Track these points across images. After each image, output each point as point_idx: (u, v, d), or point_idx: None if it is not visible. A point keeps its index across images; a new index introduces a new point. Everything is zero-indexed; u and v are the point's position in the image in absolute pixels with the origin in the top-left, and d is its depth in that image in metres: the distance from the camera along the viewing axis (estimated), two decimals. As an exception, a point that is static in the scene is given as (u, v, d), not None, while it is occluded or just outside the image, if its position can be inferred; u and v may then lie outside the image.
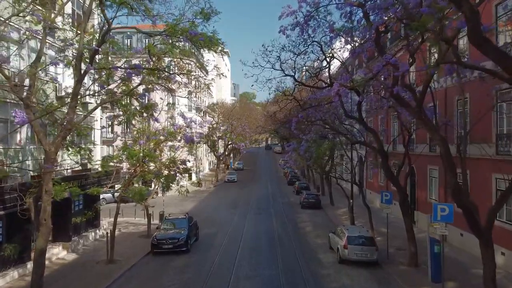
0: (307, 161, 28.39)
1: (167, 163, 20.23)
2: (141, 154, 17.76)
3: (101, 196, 38.20)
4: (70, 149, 15.90)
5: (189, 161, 22.88)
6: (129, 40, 47.06)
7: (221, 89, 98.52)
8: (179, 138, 19.00)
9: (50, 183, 12.72)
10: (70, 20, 17.40)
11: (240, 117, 69.34)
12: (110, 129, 36.21)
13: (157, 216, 30.58)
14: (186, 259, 20.57)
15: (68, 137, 14.10)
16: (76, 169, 21.21)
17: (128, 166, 21.63)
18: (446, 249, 16.52)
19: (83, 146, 16.16)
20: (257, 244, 23.99)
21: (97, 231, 25.42)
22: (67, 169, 20.65)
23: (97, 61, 14.94)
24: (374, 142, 19.10)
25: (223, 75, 18.01)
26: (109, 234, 19.17)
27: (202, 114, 67.37)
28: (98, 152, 23.88)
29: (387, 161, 18.08)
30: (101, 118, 23.05)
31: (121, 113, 18.17)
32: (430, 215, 16.41)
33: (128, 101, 17.59)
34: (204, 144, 66.37)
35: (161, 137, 18.69)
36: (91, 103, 20.12)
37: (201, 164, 67.70)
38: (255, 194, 48.71)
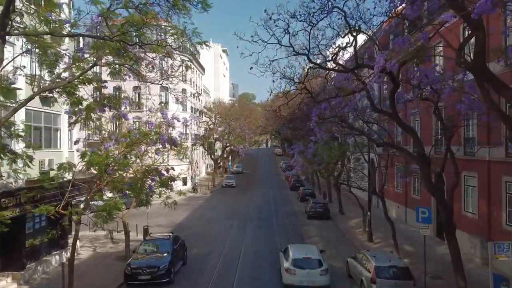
0: (317, 166, 24.01)
1: (143, 171, 15.73)
2: (107, 161, 13.34)
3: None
4: (2, 156, 11.57)
5: (173, 168, 18.39)
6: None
7: (219, 89, 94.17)
8: (155, 139, 14.49)
9: None
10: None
11: (239, 117, 64.85)
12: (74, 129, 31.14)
13: (142, 231, 26.29)
14: (168, 293, 16.25)
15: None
16: (32, 179, 16.83)
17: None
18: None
19: (20, 152, 11.79)
20: (258, 270, 19.59)
21: (64, 253, 20.95)
22: (17, 179, 16.20)
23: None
24: (399, 143, 14.82)
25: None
26: (75, 261, 14.77)
27: (198, 114, 62.96)
28: (64, 159, 19.47)
29: (429, 170, 13.68)
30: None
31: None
32: (495, 243, 12.04)
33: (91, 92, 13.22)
34: (200, 146, 61.95)
35: (132, 139, 14.23)
36: (20, 89, 15.54)
37: (197, 167, 63.24)
38: (255, 201, 44.23)
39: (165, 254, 17.88)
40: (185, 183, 54.10)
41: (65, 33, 10.10)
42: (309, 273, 15.69)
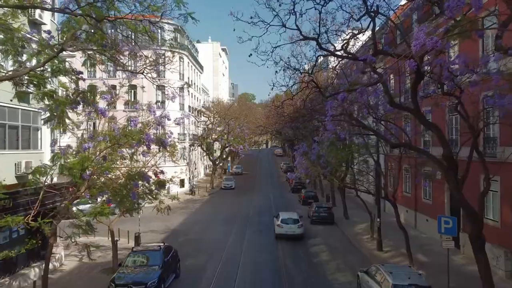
0: (324, 169, 22.09)
1: (125, 176, 13.71)
2: (83, 165, 11.45)
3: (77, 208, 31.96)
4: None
5: (162, 172, 16.51)
6: None
7: (218, 88, 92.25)
8: (138, 139, 12.53)
9: None
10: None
11: (238, 116, 62.87)
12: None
13: (135, 237, 24.47)
14: (157, 314, 14.37)
15: None
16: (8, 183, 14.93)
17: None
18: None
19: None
20: (259, 284, 17.73)
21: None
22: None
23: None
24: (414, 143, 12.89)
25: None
26: (57, 273, 12.92)
27: (196, 113, 61.06)
28: (46, 161, 17.57)
29: (456, 175, 11.80)
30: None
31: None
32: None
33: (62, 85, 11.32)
34: (199, 147, 60.05)
35: (112, 138, 12.31)
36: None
37: (195, 169, 61.35)
38: (255, 204, 42.29)
39: (154, 268, 16.01)
40: (182, 185, 52.24)
41: (16, 4, 8.23)
42: (291, 227, 25.49)
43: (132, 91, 47.43)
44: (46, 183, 12.20)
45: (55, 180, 14.55)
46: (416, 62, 9.71)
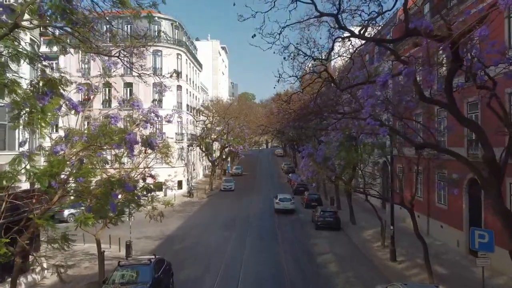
0: (333, 172, 20.19)
1: (103, 183, 11.66)
2: (52, 171, 9.50)
3: (69, 212, 29.93)
4: None
5: (151, 175, 14.57)
6: None
7: (217, 87, 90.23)
8: (118, 140, 10.57)
9: None
10: None
11: (238, 116, 60.81)
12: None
13: (126, 246, 22.59)
14: None
15: None
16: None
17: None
18: None
19: None
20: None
21: (23, 278, 17.12)
22: None
23: None
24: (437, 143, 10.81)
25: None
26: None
27: (194, 112, 59.09)
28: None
29: (500, 182, 9.86)
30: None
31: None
32: None
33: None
34: (197, 147, 58.06)
35: (91, 138, 10.36)
36: None
37: (194, 170, 59.36)
38: (256, 207, 40.32)
39: (144, 285, 14.07)
40: (180, 187, 50.29)
41: None
42: (285, 204, 35.70)
43: (128, 89, 45.64)
44: (9, 192, 10.25)
45: (26, 186, 12.66)
46: (452, 45, 7.81)
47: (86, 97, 17.72)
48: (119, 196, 11.94)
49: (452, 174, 20.76)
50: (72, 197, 10.76)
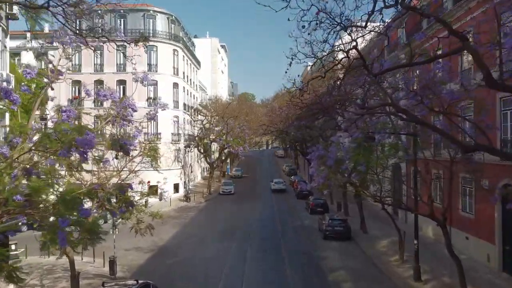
0: (349, 177, 17.49)
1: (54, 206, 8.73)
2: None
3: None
4: None
5: (130, 187, 11.89)
6: None
7: (216, 86, 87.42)
8: (67, 142, 7.79)
9: None
10: None
11: (238, 115, 57.96)
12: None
13: (110, 262, 19.84)
14: None
15: None
16: None
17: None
18: None
19: None
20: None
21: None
22: None
23: None
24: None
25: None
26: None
27: (192, 112, 56.30)
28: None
29: None
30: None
31: None
32: None
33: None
34: (195, 148, 55.26)
35: (41, 141, 7.64)
36: None
37: (191, 172, 56.54)
38: (257, 213, 37.50)
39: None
40: (177, 191, 47.53)
41: None
42: (279, 185, 51.62)
43: (121, 86, 42.89)
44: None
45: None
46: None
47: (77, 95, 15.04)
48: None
49: (483, 179, 18.08)
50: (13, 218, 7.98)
